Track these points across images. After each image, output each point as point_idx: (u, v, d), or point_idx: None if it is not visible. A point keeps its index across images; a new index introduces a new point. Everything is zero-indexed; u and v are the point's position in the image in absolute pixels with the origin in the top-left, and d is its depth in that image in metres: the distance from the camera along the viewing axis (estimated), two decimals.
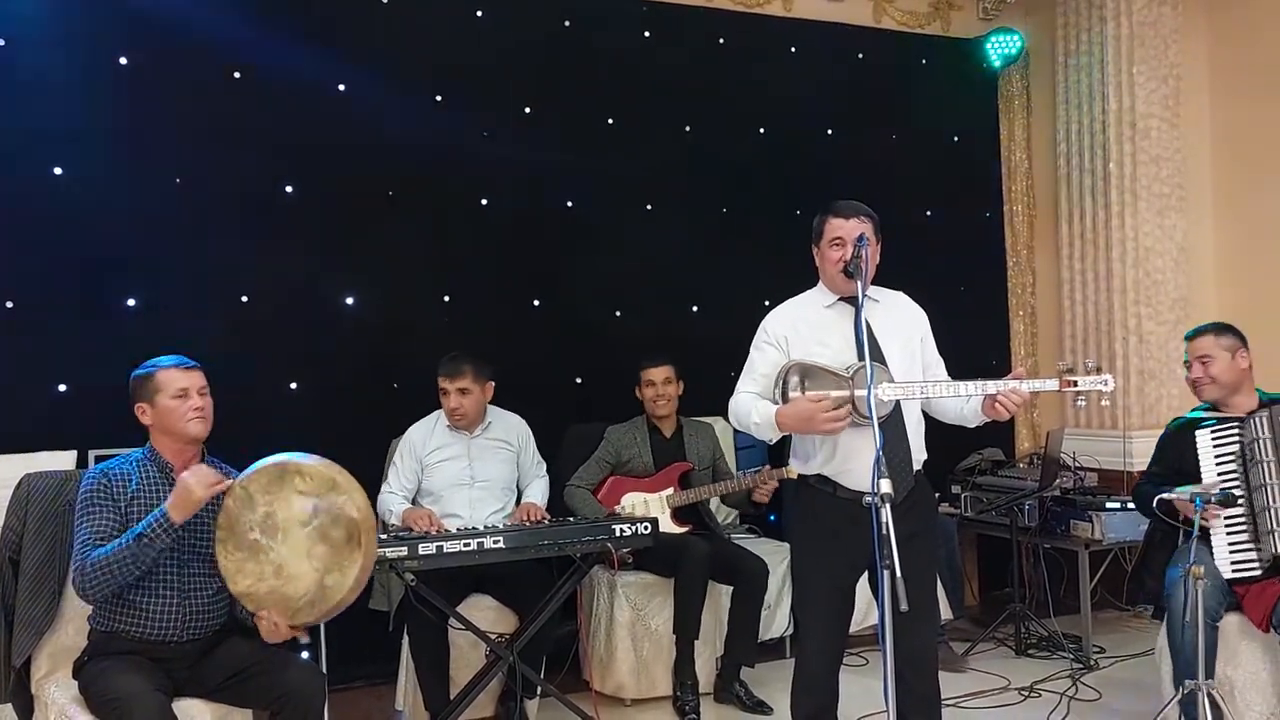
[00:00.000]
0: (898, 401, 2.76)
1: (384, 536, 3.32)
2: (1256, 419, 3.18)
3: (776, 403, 2.76)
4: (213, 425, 2.92)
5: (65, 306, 3.98)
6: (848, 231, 2.82)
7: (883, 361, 2.77)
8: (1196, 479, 3.25)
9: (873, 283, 2.89)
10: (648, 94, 5.03)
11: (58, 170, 3.99)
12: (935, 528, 3.17)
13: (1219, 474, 3.21)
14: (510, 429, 4.07)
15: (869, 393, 2.53)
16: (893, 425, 2.74)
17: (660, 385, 4.29)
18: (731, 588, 4.10)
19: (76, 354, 3.97)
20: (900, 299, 3.02)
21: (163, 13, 4.12)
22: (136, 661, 2.72)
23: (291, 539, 2.69)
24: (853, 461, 2.76)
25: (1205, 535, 3.17)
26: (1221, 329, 3.40)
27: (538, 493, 4.05)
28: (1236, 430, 3.22)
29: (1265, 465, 3.13)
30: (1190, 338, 3.45)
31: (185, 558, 2.81)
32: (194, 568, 2.82)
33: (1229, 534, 3.17)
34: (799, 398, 2.69)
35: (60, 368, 3.97)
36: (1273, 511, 3.10)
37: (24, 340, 3.91)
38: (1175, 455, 3.42)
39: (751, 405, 2.83)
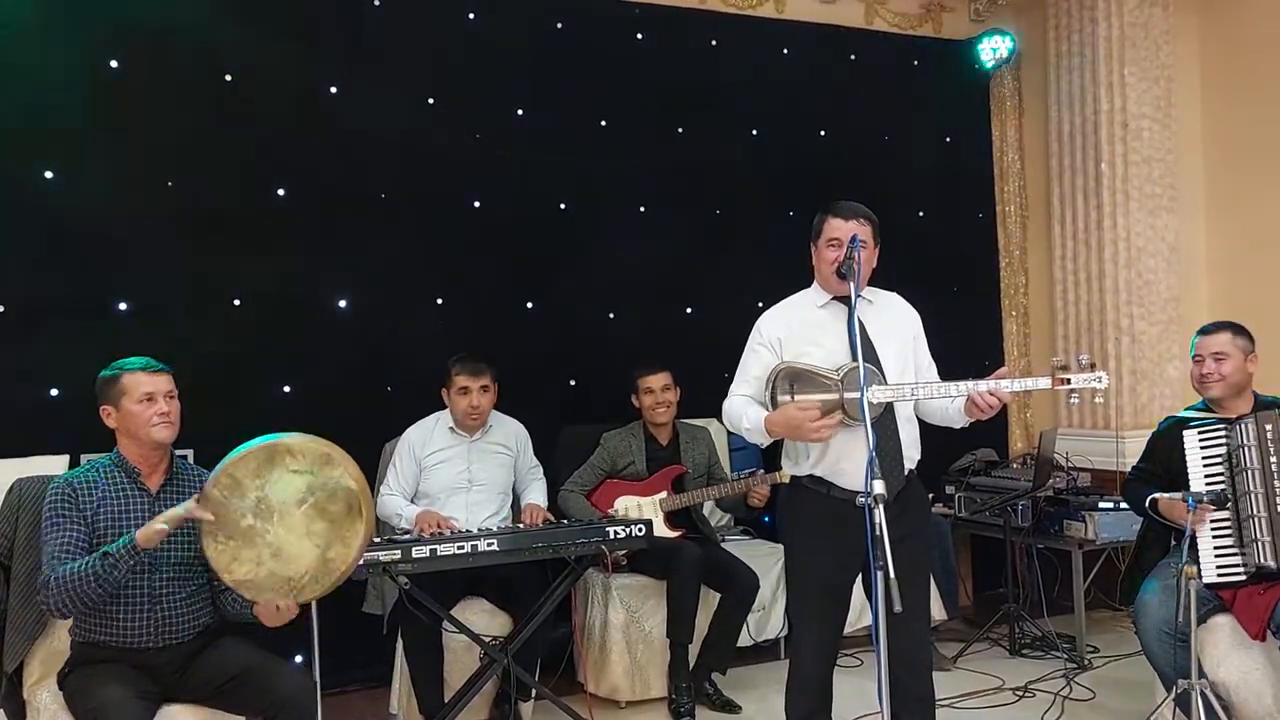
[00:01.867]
0: (889, 402, 2.76)
1: (378, 540, 3.32)
2: (1243, 425, 3.16)
3: (767, 407, 2.76)
4: (181, 428, 2.88)
5: (57, 310, 3.96)
6: (844, 232, 2.82)
7: (877, 362, 2.77)
8: (1184, 477, 3.25)
9: (868, 284, 2.89)
10: (640, 96, 5.04)
11: (49, 174, 3.98)
12: (928, 529, 3.17)
13: (1205, 475, 3.21)
14: (509, 434, 4.07)
15: (861, 395, 2.54)
16: (883, 425, 2.74)
17: (659, 392, 4.28)
18: (720, 595, 4.08)
19: (68, 358, 3.94)
20: (894, 300, 3.03)
21: (154, 15, 4.11)
22: (118, 670, 2.70)
23: (288, 519, 2.64)
24: (845, 462, 2.76)
25: (1192, 539, 3.15)
26: (1238, 329, 3.35)
27: (538, 494, 4.06)
28: (1223, 433, 3.21)
29: (1250, 473, 3.11)
30: (1205, 332, 3.37)
31: (153, 563, 2.75)
32: (163, 573, 2.77)
33: (1214, 537, 3.15)
34: (788, 404, 2.69)
35: (52, 372, 3.95)
36: (1257, 521, 3.08)
37: (15, 344, 3.89)
38: (1164, 453, 3.42)
39: (743, 410, 2.84)
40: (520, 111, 4.81)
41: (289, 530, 2.65)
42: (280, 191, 4.36)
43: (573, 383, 4.87)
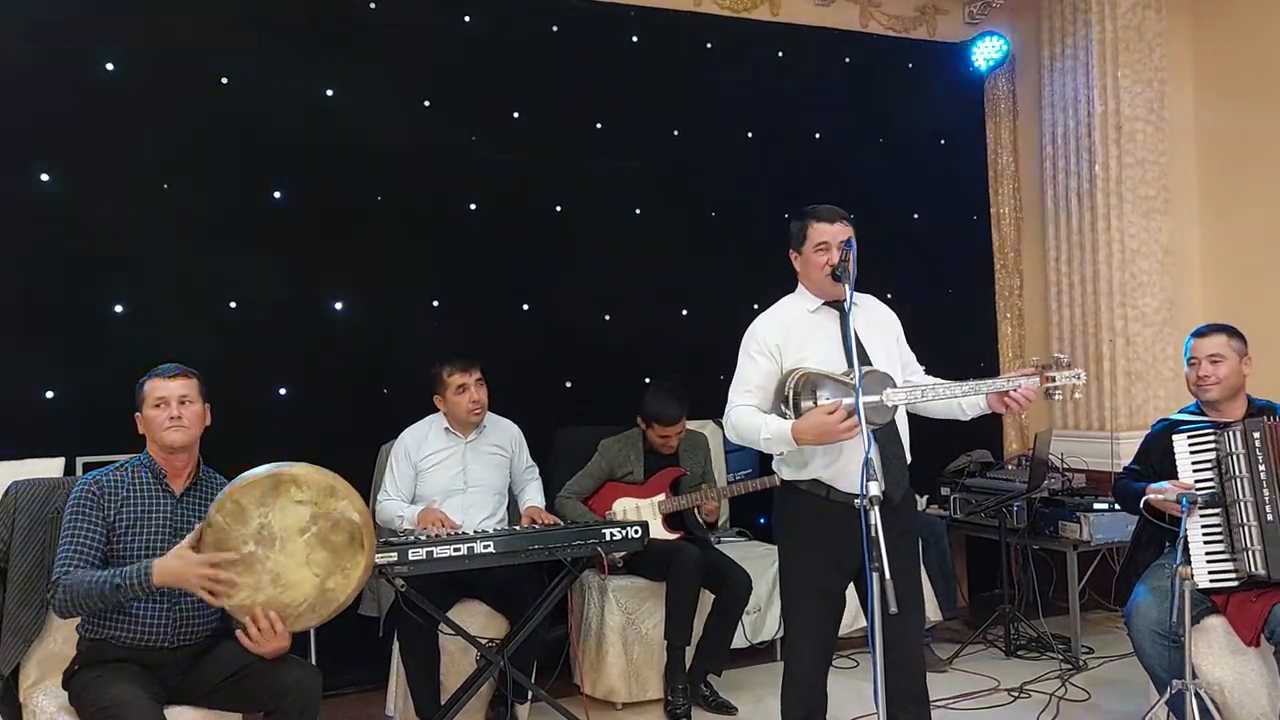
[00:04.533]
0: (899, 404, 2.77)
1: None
2: (1231, 432, 3.15)
3: (788, 416, 2.74)
4: (201, 433, 2.90)
5: (52, 312, 3.96)
6: (833, 235, 2.83)
7: (868, 363, 2.78)
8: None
9: (854, 286, 2.90)
10: (636, 98, 5.04)
11: (44, 176, 3.97)
12: (918, 528, 3.19)
13: (1195, 479, 3.21)
14: (504, 435, 4.07)
15: (858, 401, 2.54)
16: (889, 428, 2.76)
17: (674, 437, 4.26)
18: (714, 596, 4.08)
19: (64, 360, 3.96)
20: (875, 302, 3.04)
21: (149, 18, 4.11)
22: (128, 669, 2.70)
23: (290, 547, 2.66)
24: (852, 464, 2.72)
25: (1184, 542, 3.16)
26: (1232, 331, 3.35)
27: (535, 493, 4.06)
28: (1212, 437, 3.21)
29: (1240, 481, 3.11)
30: (1200, 335, 3.37)
31: None
32: None
33: (1205, 542, 3.16)
34: (813, 409, 2.67)
35: (48, 374, 3.95)
36: (1247, 530, 3.08)
37: (11, 347, 3.89)
38: (1157, 457, 3.42)
39: (759, 422, 2.79)
40: (516, 114, 4.82)
41: (289, 557, 2.66)
42: (276, 194, 4.36)
43: (569, 385, 4.87)
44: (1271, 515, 3.07)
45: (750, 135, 5.33)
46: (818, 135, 5.49)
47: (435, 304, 4.64)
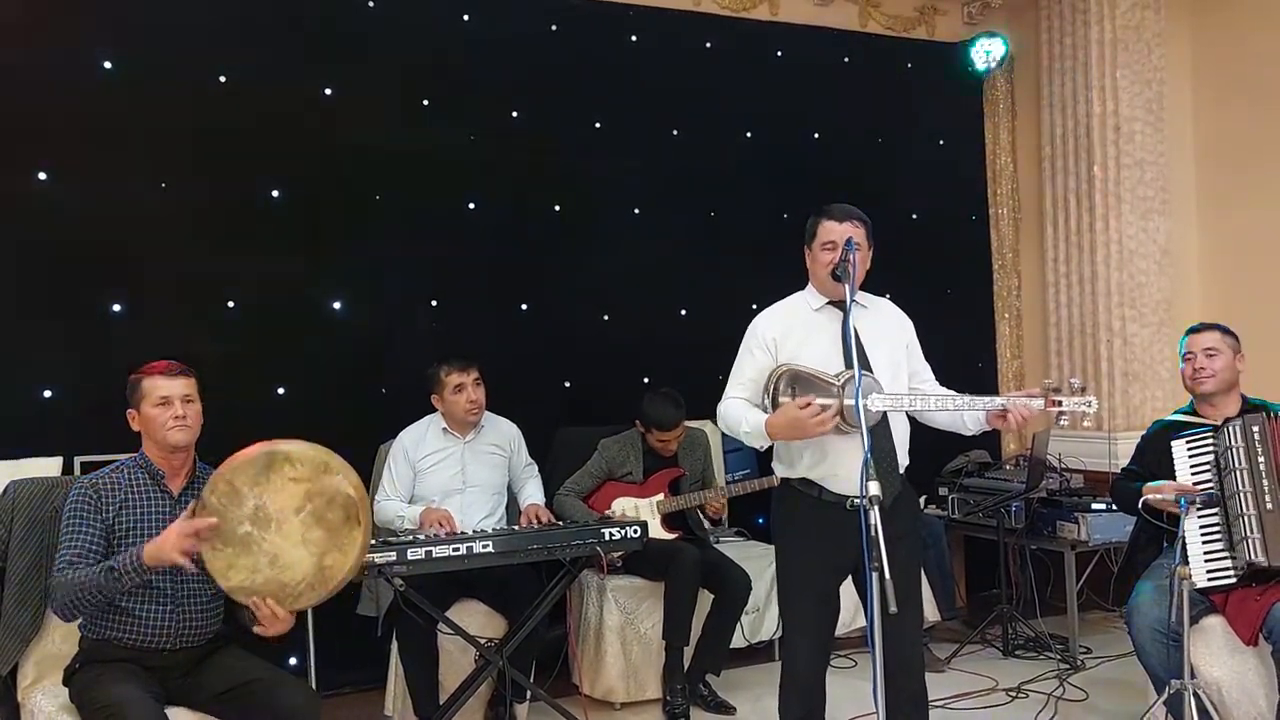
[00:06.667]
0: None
1: (373, 542, 3.31)
2: (1230, 427, 3.18)
3: (766, 410, 2.76)
4: (200, 431, 2.89)
5: (50, 311, 3.95)
6: (839, 234, 2.83)
7: (868, 367, 2.77)
8: None
9: (861, 287, 2.90)
10: (635, 98, 5.04)
11: (42, 175, 3.97)
12: (919, 529, 3.19)
13: (1194, 482, 3.23)
14: (502, 434, 4.07)
15: (857, 402, 2.54)
16: (880, 431, 2.75)
17: (673, 441, 4.26)
18: (713, 596, 4.08)
19: (62, 359, 3.95)
20: (887, 306, 3.03)
21: (147, 17, 4.11)
22: (129, 669, 2.69)
23: (286, 527, 2.63)
24: (840, 467, 2.75)
25: (1183, 541, 3.18)
26: (1226, 329, 3.41)
27: (535, 490, 4.07)
28: (1211, 439, 3.24)
29: (1239, 473, 3.13)
30: (1195, 331, 3.43)
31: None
32: (188, 574, 2.74)
33: (1204, 542, 3.17)
34: (787, 404, 2.69)
35: (45, 373, 3.94)
36: (1246, 519, 3.10)
37: (8, 345, 3.89)
38: (1154, 458, 3.44)
39: (742, 415, 2.83)
40: (515, 113, 4.81)
41: (285, 538, 2.64)
42: (275, 193, 4.36)
43: (568, 385, 4.87)
44: (1271, 504, 3.09)
45: (749, 135, 5.33)
46: (817, 135, 5.49)
47: (434, 304, 4.64)
